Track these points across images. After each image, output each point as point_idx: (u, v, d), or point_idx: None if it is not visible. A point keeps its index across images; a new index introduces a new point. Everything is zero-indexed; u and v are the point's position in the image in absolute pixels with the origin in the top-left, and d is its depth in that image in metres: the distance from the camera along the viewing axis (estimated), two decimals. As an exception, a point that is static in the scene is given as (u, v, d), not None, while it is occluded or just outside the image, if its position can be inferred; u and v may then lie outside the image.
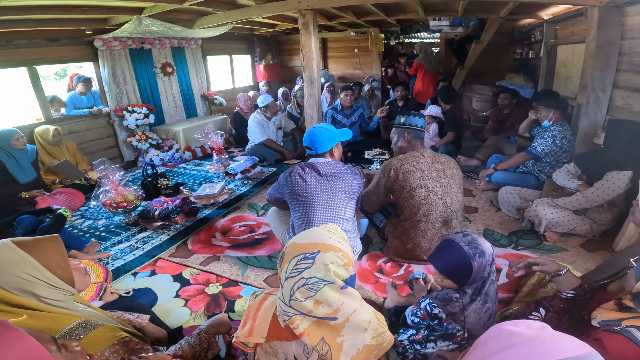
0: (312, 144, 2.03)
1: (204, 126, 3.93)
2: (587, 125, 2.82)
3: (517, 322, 0.69)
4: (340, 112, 4.54)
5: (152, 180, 3.32)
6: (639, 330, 0.99)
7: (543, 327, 0.66)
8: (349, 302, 1.01)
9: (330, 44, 7.21)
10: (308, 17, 3.45)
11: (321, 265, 0.97)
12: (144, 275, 2.21)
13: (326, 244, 1.01)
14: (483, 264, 1.24)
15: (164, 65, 4.99)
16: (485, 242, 1.27)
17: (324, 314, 0.98)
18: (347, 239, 1.10)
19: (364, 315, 1.05)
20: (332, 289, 0.98)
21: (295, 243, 1.04)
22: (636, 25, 2.53)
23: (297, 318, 0.98)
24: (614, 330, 1.04)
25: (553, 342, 0.61)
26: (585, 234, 2.35)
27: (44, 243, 1.08)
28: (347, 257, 1.03)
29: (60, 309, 1.04)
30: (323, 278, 0.97)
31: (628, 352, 0.97)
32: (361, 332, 1.04)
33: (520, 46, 5.42)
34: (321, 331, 0.99)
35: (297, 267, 0.99)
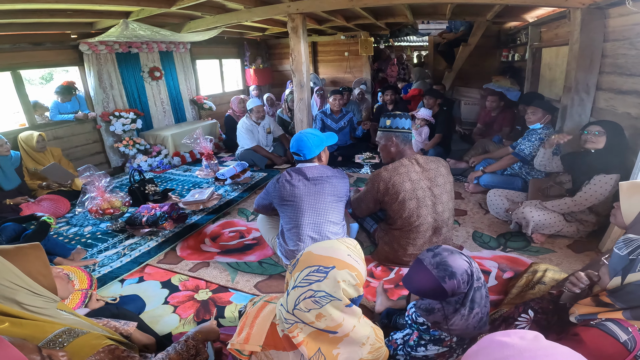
0: (300, 149, 2.04)
1: (193, 131, 3.92)
2: (571, 127, 2.88)
3: (509, 332, 0.68)
4: (330, 117, 4.57)
5: (139, 187, 3.30)
6: (614, 324, 1.02)
7: (536, 338, 0.65)
8: (350, 320, 1.01)
9: (320, 47, 7.27)
10: (297, 21, 3.48)
11: (333, 281, 0.97)
12: (131, 282, 2.20)
13: (342, 261, 1.00)
14: (455, 284, 1.21)
15: (152, 69, 4.96)
16: (456, 260, 1.23)
17: (325, 327, 0.98)
18: (363, 257, 1.09)
19: (363, 331, 1.05)
20: (337, 306, 0.97)
21: (312, 253, 1.03)
22: (618, 27, 2.58)
23: (298, 326, 0.98)
24: (590, 324, 1.08)
25: (546, 354, 0.60)
26: (572, 235, 2.39)
27: (25, 251, 1.08)
28: (360, 278, 1.02)
29: (43, 316, 1.03)
30: (331, 294, 0.96)
31: (605, 344, 1.00)
32: (358, 347, 1.04)
33: (506, 49, 5.53)
34: (319, 342, 0.99)
35: (308, 277, 0.98)
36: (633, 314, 1.03)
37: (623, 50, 2.49)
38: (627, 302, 1.06)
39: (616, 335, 1.00)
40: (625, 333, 1.00)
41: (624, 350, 0.98)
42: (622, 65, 2.50)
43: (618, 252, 1.11)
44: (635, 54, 2.35)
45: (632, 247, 1.08)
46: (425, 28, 6.73)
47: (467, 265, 1.24)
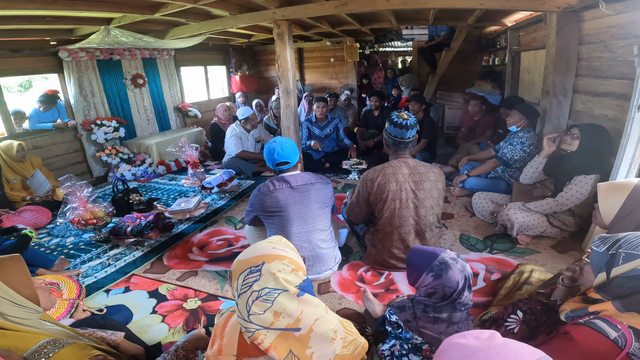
0: (286, 157, 2.01)
1: (177, 139, 3.90)
2: (550, 130, 2.98)
3: (466, 333, 0.71)
4: (315, 124, 4.61)
5: (123, 196, 3.26)
6: (603, 321, 1.04)
7: (491, 337, 0.68)
8: (309, 310, 1.01)
9: (306, 53, 7.34)
10: (283, 28, 3.52)
11: (268, 274, 0.97)
12: (117, 292, 2.17)
13: (269, 254, 1.01)
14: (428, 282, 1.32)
15: (135, 76, 4.93)
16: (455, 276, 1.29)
17: (287, 325, 0.97)
18: (293, 247, 1.11)
19: (328, 324, 1.05)
20: (287, 297, 0.97)
21: (240, 260, 1.04)
22: (592, 30, 2.67)
23: (261, 333, 0.97)
24: (579, 322, 1.09)
25: (497, 352, 0.63)
26: (555, 235, 2.46)
27: (5, 262, 1.08)
28: (294, 263, 1.03)
29: (27, 327, 1.03)
30: (275, 287, 0.97)
31: (596, 342, 1.01)
32: (329, 342, 1.04)
33: (487, 53, 5.70)
34: (288, 344, 0.98)
35: (246, 281, 0.98)
36: (623, 304, 1.05)
37: (598, 53, 2.59)
38: (616, 295, 1.08)
39: (606, 332, 1.02)
40: (615, 330, 1.01)
41: (615, 347, 0.99)
42: (598, 67, 2.59)
43: (597, 249, 1.14)
44: (609, 56, 2.44)
45: (609, 243, 1.12)
46: (409, 33, 6.90)
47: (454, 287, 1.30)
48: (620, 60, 2.33)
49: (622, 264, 1.06)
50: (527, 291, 1.75)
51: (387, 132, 2.12)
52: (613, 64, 2.42)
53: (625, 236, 1.10)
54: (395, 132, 2.06)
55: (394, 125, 2.06)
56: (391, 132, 2.08)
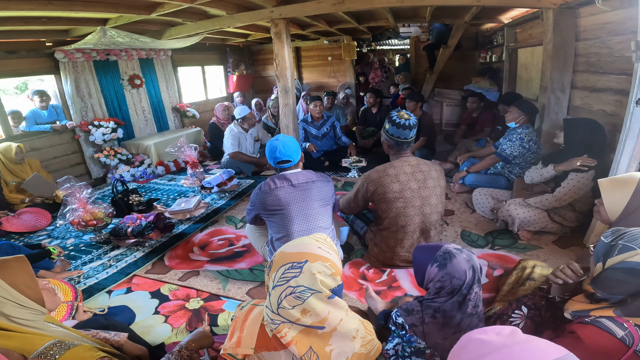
0: (288, 156, 2.00)
1: (176, 139, 3.87)
2: (549, 125, 3.00)
3: (486, 329, 0.69)
4: (311, 124, 4.59)
5: (122, 197, 3.24)
6: (609, 320, 1.03)
7: (513, 333, 0.66)
8: (336, 312, 1.02)
9: (303, 52, 7.33)
10: (281, 26, 3.51)
11: (308, 274, 0.98)
12: (119, 293, 2.16)
13: (314, 254, 1.02)
14: (433, 275, 1.28)
15: (132, 77, 4.90)
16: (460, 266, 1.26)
17: (312, 323, 0.99)
18: (335, 249, 1.11)
19: (351, 324, 1.06)
20: (319, 298, 0.99)
21: (284, 252, 1.05)
22: (589, 27, 2.68)
23: (285, 326, 0.99)
24: (585, 321, 1.08)
25: (522, 348, 0.61)
26: (556, 231, 2.46)
27: (10, 264, 1.08)
28: (335, 267, 1.04)
29: (32, 329, 1.02)
30: (310, 287, 0.98)
31: (603, 341, 1.01)
32: (349, 341, 1.05)
33: (484, 50, 5.72)
34: (309, 340, 1.00)
35: (284, 275, 0.99)
36: (624, 311, 1.03)
37: (595, 49, 2.60)
38: (605, 288, 1.07)
39: (612, 331, 1.01)
40: (622, 329, 1.01)
41: (622, 346, 0.99)
42: (595, 63, 2.60)
43: (604, 240, 1.13)
44: (607, 52, 2.45)
45: (616, 234, 1.11)
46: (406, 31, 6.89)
47: (462, 277, 1.26)
48: (618, 56, 2.34)
49: (616, 255, 1.05)
50: (531, 287, 1.74)
51: (388, 132, 2.09)
52: (610, 59, 2.43)
53: (632, 230, 1.09)
54: (398, 132, 2.04)
55: (395, 126, 2.03)
56: (393, 132, 2.06)
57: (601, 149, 2.29)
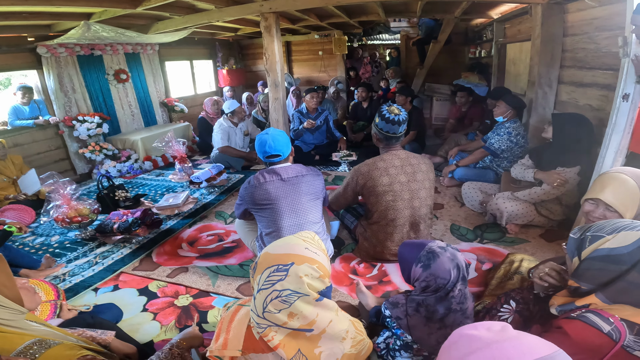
0: (277, 150, 1.98)
1: (164, 134, 3.83)
2: (537, 120, 3.04)
3: (477, 325, 0.69)
4: (306, 116, 4.58)
5: (108, 193, 3.19)
6: (595, 315, 1.03)
7: (503, 329, 0.66)
8: (324, 314, 1.00)
9: (294, 47, 7.29)
10: (270, 20, 3.46)
11: (295, 277, 0.95)
12: (106, 291, 2.13)
13: (300, 255, 0.99)
14: (419, 274, 1.29)
15: (118, 71, 4.82)
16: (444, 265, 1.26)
17: (299, 326, 0.97)
18: (324, 248, 1.08)
19: (341, 325, 1.04)
20: (307, 301, 0.96)
21: (269, 253, 1.02)
22: (577, 22, 2.71)
23: (272, 330, 0.97)
24: (572, 316, 1.08)
25: (512, 345, 0.61)
26: (543, 224, 2.50)
27: None
28: (323, 269, 1.01)
29: (11, 328, 1.00)
30: (297, 291, 0.95)
31: (590, 336, 1.01)
32: (339, 342, 1.04)
33: (474, 45, 5.76)
34: (297, 343, 0.98)
35: (269, 279, 0.96)
36: (607, 295, 1.04)
37: (582, 44, 2.63)
38: (587, 279, 1.08)
39: (599, 326, 1.01)
40: (608, 324, 1.01)
41: (609, 341, 0.99)
42: (582, 59, 2.64)
43: (573, 236, 1.16)
44: (594, 47, 2.48)
45: (582, 229, 1.13)
46: (397, 26, 6.90)
47: (447, 277, 1.26)
48: (604, 52, 2.37)
49: (589, 246, 1.08)
50: (519, 281, 1.76)
51: (378, 127, 2.09)
52: (597, 55, 2.46)
53: (595, 223, 1.12)
54: (387, 127, 2.04)
55: (385, 120, 2.04)
56: (382, 127, 2.06)
57: (589, 143, 2.31)
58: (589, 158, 2.27)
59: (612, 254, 1.02)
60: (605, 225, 1.08)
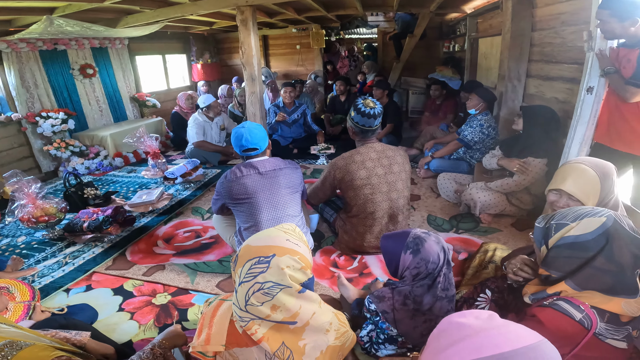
0: (254, 143, 1.97)
1: (135, 130, 3.70)
2: (506, 112, 3.16)
3: (465, 313, 0.71)
4: (282, 109, 4.57)
5: (76, 191, 3.07)
6: (566, 303, 1.06)
7: (491, 317, 0.68)
8: (308, 306, 1.00)
9: (271, 41, 7.22)
10: (247, 14, 3.41)
11: (276, 269, 0.95)
12: (78, 291, 2.06)
13: (282, 247, 0.99)
14: (409, 262, 1.29)
15: (83, 66, 4.64)
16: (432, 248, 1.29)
17: (282, 319, 0.97)
18: (305, 240, 1.09)
19: (324, 317, 1.05)
20: (289, 293, 0.96)
21: (250, 246, 1.02)
22: (544, 17, 2.80)
23: (255, 323, 0.96)
24: (544, 304, 1.10)
25: (500, 332, 0.63)
26: (514, 214, 2.60)
27: None
28: (305, 260, 1.01)
29: (-20, 330, 0.95)
30: (279, 282, 0.95)
31: (563, 324, 1.04)
32: (323, 334, 1.04)
33: (448, 40, 5.90)
34: (281, 335, 0.98)
35: (251, 271, 0.96)
36: (576, 282, 1.06)
37: (549, 39, 2.72)
38: (556, 267, 1.11)
39: (571, 314, 1.03)
40: (579, 311, 1.03)
41: (582, 329, 1.01)
42: (549, 53, 2.74)
43: (538, 225, 1.19)
44: (560, 42, 2.57)
45: (547, 218, 1.18)
46: (375, 20, 6.96)
47: (436, 260, 1.27)
48: (570, 46, 2.46)
49: (555, 235, 1.11)
50: (493, 270, 1.81)
51: (354, 120, 2.10)
52: (563, 49, 2.55)
53: (558, 211, 1.17)
54: (363, 121, 2.06)
55: (361, 114, 2.05)
56: (358, 120, 2.07)
57: (557, 135, 2.42)
58: (556, 149, 2.37)
59: (577, 241, 1.05)
60: (568, 213, 1.12)
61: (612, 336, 1.03)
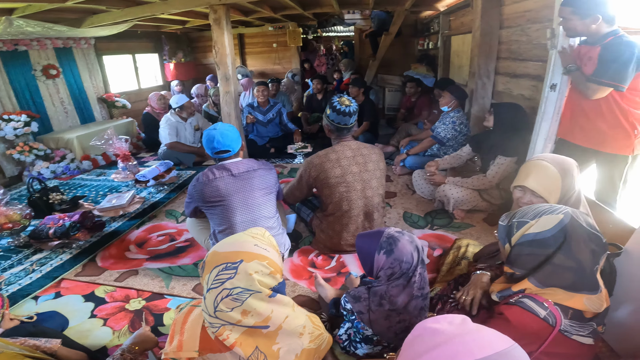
0: (227, 145, 1.96)
1: (103, 131, 3.64)
2: (477, 109, 3.28)
3: (439, 318, 0.72)
4: (257, 109, 4.57)
5: (41, 196, 2.99)
6: (531, 300, 1.09)
7: (464, 321, 0.70)
8: (280, 310, 1.01)
9: (247, 39, 7.19)
10: (220, 13, 3.39)
11: (244, 275, 0.96)
12: (47, 298, 2.03)
13: (249, 252, 0.99)
14: (383, 262, 1.29)
15: (46, 67, 4.51)
16: (405, 248, 1.29)
17: (254, 323, 0.97)
18: (275, 244, 1.09)
19: (297, 321, 1.06)
20: (259, 298, 0.97)
21: (217, 252, 1.02)
22: (512, 15, 2.89)
23: (226, 329, 0.97)
24: (510, 302, 1.13)
25: (474, 338, 0.64)
26: (486, 209, 2.70)
27: None
28: (274, 265, 1.02)
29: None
30: (248, 288, 0.95)
31: (528, 321, 1.06)
32: (297, 337, 1.06)
33: (422, 38, 6.04)
34: (254, 340, 0.98)
35: (218, 277, 0.96)
36: (538, 279, 1.10)
37: (516, 36, 2.82)
38: (519, 264, 1.15)
39: (535, 311, 1.05)
40: (543, 309, 1.06)
41: (547, 326, 1.04)
42: (516, 50, 2.85)
43: (501, 223, 1.23)
44: (526, 39, 2.67)
45: (509, 216, 1.23)
46: (351, 18, 7.05)
47: (410, 260, 1.29)
48: (535, 44, 2.56)
49: (516, 232, 1.15)
50: (466, 266, 1.87)
51: (329, 118, 2.13)
52: (529, 47, 2.65)
53: (520, 209, 1.22)
54: (338, 119, 2.09)
55: (336, 112, 2.08)
56: (334, 118, 2.11)
57: (525, 131, 2.49)
58: (524, 145, 2.45)
59: (537, 239, 1.10)
60: (528, 210, 1.17)
61: (578, 332, 1.06)
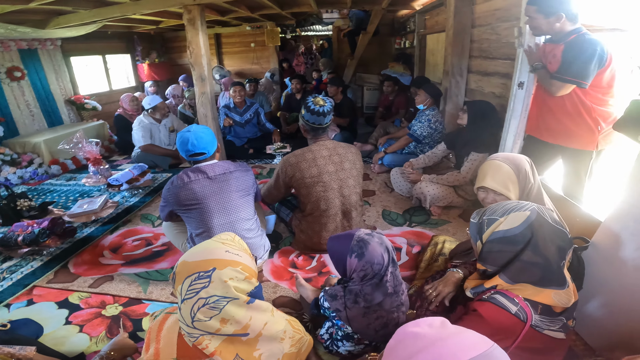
0: (202, 148, 1.95)
1: (72, 135, 3.57)
2: (451, 107, 3.40)
3: (419, 322, 0.73)
4: (234, 110, 4.57)
5: (8, 203, 2.91)
6: (502, 296, 1.12)
7: (443, 324, 0.71)
8: (258, 316, 1.01)
9: (224, 39, 7.18)
10: (195, 13, 3.38)
11: (219, 282, 0.95)
12: (19, 306, 2.00)
13: (221, 260, 0.99)
14: (355, 265, 1.33)
15: (10, 69, 4.41)
16: (376, 250, 1.32)
17: (234, 331, 0.97)
18: (247, 247, 1.10)
19: (277, 326, 1.08)
20: (237, 305, 0.97)
21: (186, 262, 1.00)
22: (482, 14, 2.99)
23: (205, 338, 0.96)
24: (483, 298, 1.16)
25: (455, 342, 0.65)
26: (461, 205, 2.79)
27: None
28: (248, 269, 1.02)
29: None
30: (224, 295, 0.95)
31: (500, 317, 1.09)
32: (278, 342, 1.07)
33: (399, 37, 6.18)
34: (235, 348, 0.98)
35: (192, 287, 0.95)
36: (508, 275, 1.13)
37: (486, 35, 2.93)
38: (490, 261, 1.18)
39: (506, 307, 1.08)
40: (514, 304, 1.09)
41: (518, 321, 1.06)
42: (486, 49, 2.96)
43: (473, 221, 1.27)
44: (495, 38, 2.77)
45: (479, 214, 1.25)
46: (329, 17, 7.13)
47: (381, 262, 1.33)
48: (504, 42, 2.67)
49: (487, 230, 1.19)
50: (443, 262, 1.91)
51: (305, 118, 2.16)
52: (498, 45, 2.76)
53: (489, 206, 1.26)
54: (313, 119, 2.13)
55: (310, 112, 2.11)
56: (309, 119, 2.14)
57: (496, 128, 2.60)
58: (496, 142, 2.55)
59: (506, 235, 1.14)
60: (497, 208, 1.22)
61: (548, 327, 1.10)
